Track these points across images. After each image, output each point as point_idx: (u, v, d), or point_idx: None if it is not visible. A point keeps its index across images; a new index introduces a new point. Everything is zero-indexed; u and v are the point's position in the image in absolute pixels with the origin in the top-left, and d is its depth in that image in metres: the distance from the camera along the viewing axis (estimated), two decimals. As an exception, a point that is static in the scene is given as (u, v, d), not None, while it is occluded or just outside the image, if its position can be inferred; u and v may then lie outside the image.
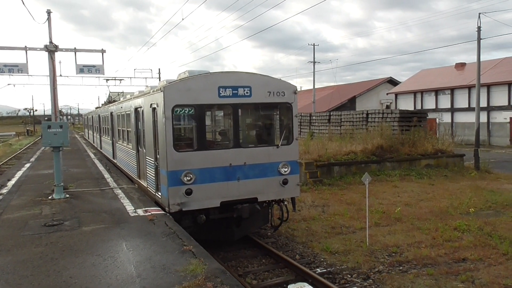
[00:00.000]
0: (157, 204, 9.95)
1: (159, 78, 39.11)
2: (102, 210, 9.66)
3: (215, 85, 9.16)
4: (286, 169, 9.91)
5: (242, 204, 9.43)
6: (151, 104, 9.96)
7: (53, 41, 14.94)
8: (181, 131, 10.18)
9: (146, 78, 31.97)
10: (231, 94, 9.29)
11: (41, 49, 15.35)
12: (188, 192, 8.87)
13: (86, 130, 44.29)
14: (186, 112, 9.20)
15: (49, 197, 11.14)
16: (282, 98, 9.89)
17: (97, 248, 6.90)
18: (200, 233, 9.09)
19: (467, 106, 42.21)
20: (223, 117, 10.85)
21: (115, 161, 18.03)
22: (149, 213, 9.18)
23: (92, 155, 23.80)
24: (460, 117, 43.04)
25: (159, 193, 9.78)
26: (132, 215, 9.13)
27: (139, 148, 12.10)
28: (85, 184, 13.25)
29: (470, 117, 38.50)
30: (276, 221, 10.78)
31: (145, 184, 11.40)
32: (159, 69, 43.90)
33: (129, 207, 9.83)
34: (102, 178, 14.68)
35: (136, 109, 12.19)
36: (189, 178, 8.90)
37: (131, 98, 13.64)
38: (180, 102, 8.91)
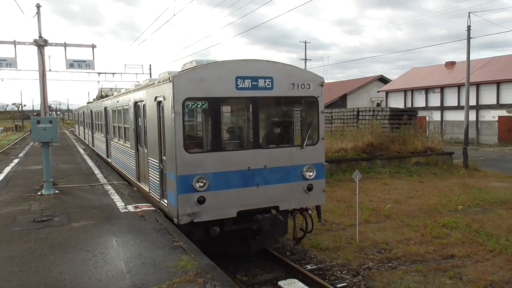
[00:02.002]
0: (162, 212, 8.89)
1: (150, 74, 38.96)
2: (92, 206, 9.61)
3: (233, 75, 7.93)
4: (311, 173, 8.73)
5: (261, 213, 8.31)
6: (155, 97, 8.76)
7: (42, 36, 14.82)
8: (193, 129, 9.20)
9: (136, 74, 31.89)
10: (250, 86, 8.07)
11: (30, 44, 15.22)
12: (201, 201, 7.69)
13: (76, 126, 43.30)
14: (199, 106, 8.04)
15: (38, 193, 11.05)
16: (307, 91, 8.67)
17: (87, 244, 6.87)
18: (212, 247, 8.18)
19: (456, 104, 42.60)
20: (240, 112, 9.51)
21: (110, 161, 16.81)
22: (140, 209, 9.15)
23: (82, 151, 23.64)
24: (450, 116, 43.42)
25: (165, 201, 8.61)
26: (122, 211, 9.09)
27: (139, 147, 10.98)
28: (75, 180, 13.16)
29: (459, 116, 38.82)
30: (297, 232, 9.59)
31: (146, 189, 10.28)
32: (150, 65, 43.62)
33: (119, 203, 9.79)
34: (92, 174, 14.60)
35: (136, 103, 11.04)
36: (202, 184, 7.70)
37: (130, 91, 12.32)
38: (192, 95, 7.67)
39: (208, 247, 7.73)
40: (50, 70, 22.10)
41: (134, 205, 9.60)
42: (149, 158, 9.78)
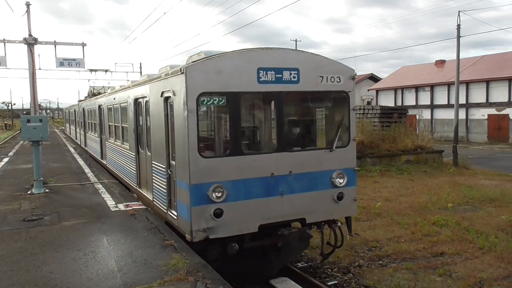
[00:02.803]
0: (169, 225, 7.85)
1: (141, 72, 38.79)
2: (83, 204, 9.57)
3: (254, 66, 6.85)
4: (341, 180, 7.65)
5: (285, 227, 7.40)
6: (162, 93, 7.66)
7: (32, 34, 14.73)
8: (208, 129, 8.19)
9: (127, 72, 31.82)
10: (273, 79, 6.99)
11: (20, 42, 15.14)
12: (218, 214, 6.59)
13: (67, 125, 42.48)
14: (215, 102, 6.87)
15: (28, 192, 10.98)
16: (337, 85, 7.59)
17: (77, 243, 6.85)
18: (228, 265, 7.20)
19: (446, 103, 42.97)
20: (262, 109, 8.48)
21: (104, 163, 15.68)
22: (130, 208, 9.14)
23: (72, 150, 23.52)
24: (440, 114, 43.79)
25: (174, 213, 7.41)
26: (113, 209, 9.07)
27: (140, 149, 9.93)
28: (65, 179, 13.09)
29: (449, 114, 39.20)
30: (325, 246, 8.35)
31: (149, 197, 9.13)
32: (140, 63, 43.49)
33: (110, 202, 9.76)
34: (83, 173, 14.53)
35: (136, 100, 9.98)
36: (219, 193, 6.62)
37: (128, 87, 11.13)
38: (208, 89, 6.56)
39: (223, 266, 6.94)
40: (40, 69, 22.02)
41: (125, 203, 9.58)
42: (153, 162, 8.70)
